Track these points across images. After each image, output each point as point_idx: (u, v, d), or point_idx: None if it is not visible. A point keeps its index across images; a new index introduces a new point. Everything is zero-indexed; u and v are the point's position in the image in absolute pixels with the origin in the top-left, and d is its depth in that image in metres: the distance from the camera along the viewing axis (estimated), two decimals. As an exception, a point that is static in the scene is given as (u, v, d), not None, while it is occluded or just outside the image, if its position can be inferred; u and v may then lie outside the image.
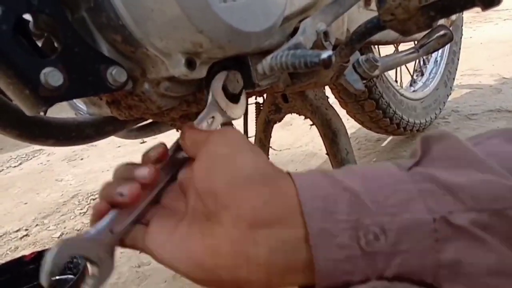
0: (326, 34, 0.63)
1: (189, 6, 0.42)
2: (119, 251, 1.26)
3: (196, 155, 0.40)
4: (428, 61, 1.85)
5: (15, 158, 2.78)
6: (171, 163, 0.46)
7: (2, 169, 2.65)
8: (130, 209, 0.40)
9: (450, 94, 1.90)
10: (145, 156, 0.46)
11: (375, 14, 0.57)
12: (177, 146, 0.47)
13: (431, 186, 0.32)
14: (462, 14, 1.83)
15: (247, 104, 0.57)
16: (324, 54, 0.38)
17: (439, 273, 0.30)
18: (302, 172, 0.37)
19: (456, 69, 1.92)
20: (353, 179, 0.33)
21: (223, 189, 0.35)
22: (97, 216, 0.40)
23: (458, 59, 1.92)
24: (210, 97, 0.52)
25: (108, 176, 0.44)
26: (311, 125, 1.03)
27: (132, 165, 0.43)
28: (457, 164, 0.33)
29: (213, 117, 0.51)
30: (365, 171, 0.35)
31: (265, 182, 0.35)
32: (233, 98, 0.55)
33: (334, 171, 0.36)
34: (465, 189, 0.31)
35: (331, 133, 0.93)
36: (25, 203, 2.01)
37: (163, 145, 0.46)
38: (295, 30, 0.63)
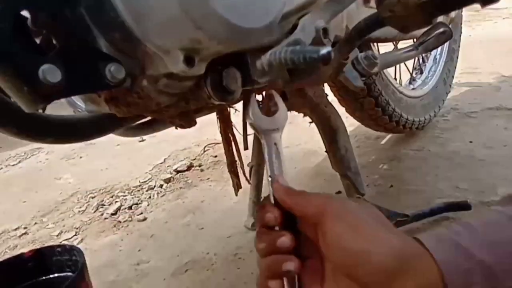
0: (325, 31, 0.62)
1: (188, 3, 0.42)
2: (117, 248, 1.25)
3: (310, 223, 0.46)
4: (427, 59, 1.85)
5: (14, 157, 2.78)
6: (286, 216, 0.48)
7: (1, 168, 2.64)
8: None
9: (449, 92, 1.90)
10: (264, 221, 0.49)
11: (375, 11, 0.57)
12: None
13: None
14: (461, 12, 1.83)
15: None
16: (323, 50, 0.38)
17: None
18: (427, 236, 0.41)
19: (455, 67, 1.92)
20: (482, 249, 0.38)
21: (372, 282, 0.40)
22: None
23: (457, 57, 1.92)
24: (258, 131, 0.53)
25: (107, 174, 0.44)
26: (310, 122, 1.03)
27: (269, 237, 0.47)
28: None
29: (275, 143, 0.53)
30: (489, 237, 0.39)
31: (406, 268, 0.39)
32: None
33: (461, 236, 0.40)
34: None
35: (330, 131, 0.93)
36: (24, 202, 2.01)
37: (277, 210, 0.48)
38: (294, 27, 0.63)
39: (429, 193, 1.34)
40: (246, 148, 1.21)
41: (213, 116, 1.10)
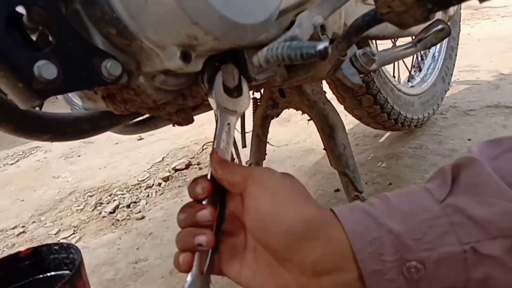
0: (323, 27, 0.62)
1: (184, -2, 0.42)
2: (115, 247, 1.25)
3: (238, 193, 0.46)
4: (426, 57, 1.85)
5: (11, 155, 2.78)
6: (216, 192, 0.48)
7: (-1, 166, 2.64)
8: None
9: (448, 89, 1.90)
10: (193, 193, 0.49)
11: (373, 7, 0.57)
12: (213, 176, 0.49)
13: (461, 218, 0.38)
14: (460, 9, 1.82)
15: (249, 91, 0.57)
16: (320, 45, 0.38)
17: (468, 285, 0.38)
18: (342, 207, 0.42)
19: (454, 65, 1.92)
20: (394, 218, 0.39)
21: (281, 247, 0.41)
22: (188, 266, 0.46)
23: (456, 55, 1.92)
24: (215, 106, 0.53)
25: (105, 173, 0.44)
26: (308, 120, 1.03)
27: (191, 209, 0.47)
28: (483, 193, 0.38)
29: (228, 123, 0.53)
30: (402, 206, 0.40)
31: (317, 235, 0.40)
32: (236, 91, 0.55)
33: (374, 207, 0.41)
34: (490, 220, 0.37)
35: (328, 128, 0.93)
36: (22, 200, 2.01)
37: (206, 181, 0.49)
38: (292, 23, 0.62)
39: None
40: (244, 146, 1.21)
41: (211, 114, 1.09)
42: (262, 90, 1.07)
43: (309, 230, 0.40)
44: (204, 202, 0.48)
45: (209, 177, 0.49)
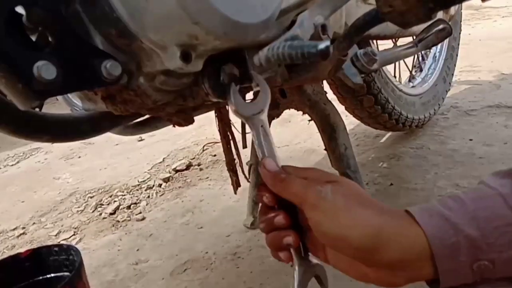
0: (324, 27, 0.62)
1: (184, -3, 0.42)
2: (116, 248, 1.24)
3: (297, 204, 0.50)
4: (427, 57, 1.85)
5: (12, 157, 2.77)
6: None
7: (0, 168, 2.64)
8: None
9: (449, 90, 1.90)
10: (261, 201, 0.53)
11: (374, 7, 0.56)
12: None
13: None
14: (461, 9, 1.82)
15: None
16: (322, 45, 0.37)
17: None
18: (419, 209, 0.45)
19: (455, 65, 1.92)
20: (470, 224, 0.42)
21: (356, 258, 0.46)
22: (289, 259, 0.52)
23: (457, 55, 1.92)
24: (243, 119, 0.54)
25: (106, 174, 0.44)
26: (309, 120, 1.02)
27: (268, 217, 0.52)
28: None
29: (262, 126, 0.53)
30: (478, 213, 0.43)
31: (386, 241, 0.44)
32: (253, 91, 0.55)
33: (452, 212, 0.44)
34: None
35: (329, 128, 0.93)
36: (23, 202, 2.00)
37: (268, 190, 0.52)
38: (293, 23, 0.62)
39: (428, 191, 1.33)
40: (245, 146, 1.21)
41: (212, 115, 1.09)
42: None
43: (378, 239, 0.43)
44: (276, 207, 0.52)
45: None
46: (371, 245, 0.43)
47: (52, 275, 0.89)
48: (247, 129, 1.18)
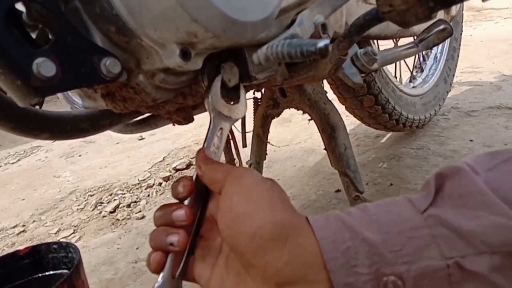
0: (324, 26, 0.62)
1: (183, -5, 0.42)
2: (115, 246, 1.24)
3: (217, 191, 0.45)
4: (428, 57, 1.85)
5: (13, 155, 2.78)
6: (198, 193, 0.48)
7: (0, 166, 2.64)
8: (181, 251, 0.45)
9: (450, 90, 1.90)
10: (174, 192, 0.48)
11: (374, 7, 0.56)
12: (198, 176, 0.49)
13: (444, 230, 0.34)
14: (462, 10, 1.82)
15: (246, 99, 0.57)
16: (321, 43, 0.37)
17: None
18: (318, 216, 0.39)
19: (456, 66, 1.91)
20: (370, 227, 0.36)
21: (247, 249, 0.38)
22: (158, 266, 0.45)
23: (458, 56, 1.91)
24: (210, 109, 0.53)
25: (106, 172, 0.44)
26: (309, 120, 1.02)
27: (168, 208, 0.46)
28: (469, 204, 0.35)
29: (221, 128, 0.53)
30: (380, 216, 0.37)
31: (285, 240, 0.37)
32: (232, 95, 0.55)
33: (350, 216, 0.38)
34: (476, 233, 0.34)
35: (329, 128, 0.92)
36: (23, 199, 2.00)
37: (189, 179, 0.48)
38: (292, 22, 0.62)
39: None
40: (244, 146, 1.21)
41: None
42: (262, 90, 1.06)
43: (277, 234, 0.38)
44: (185, 203, 0.47)
45: (194, 178, 0.48)
46: (269, 235, 0.37)
47: (51, 272, 0.89)
48: (247, 128, 1.18)
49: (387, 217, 0.37)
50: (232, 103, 0.55)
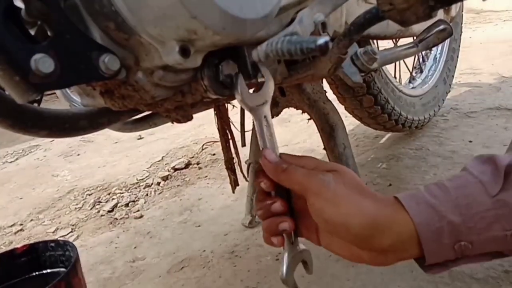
0: (324, 25, 0.62)
1: (183, -9, 0.41)
2: (113, 245, 1.23)
3: (299, 192, 0.52)
4: (427, 58, 1.85)
5: (11, 154, 2.77)
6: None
7: (-1, 164, 2.64)
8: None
9: (449, 91, 1.90)
10: (259, 187, 0.56)
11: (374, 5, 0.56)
12: None
13: (506, 210, 0.46)
14: (462, 11, 1.82)
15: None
16: (321, 40, 0.37)
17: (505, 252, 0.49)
18: (407, 196, 0.49)
19: (456, 67, 1.91)
20: (453, 211, 0.47)
21: (353, 243, 0.49)
22: (281, 243, 0.56)
23: (458, 57, 1.91)
24: (247, 108, 0.55)
25: (104, 171, 0.44)
26: (308, 119, 1.02)
27: (265, 204, 0.55)
28: None
29: (265, 116, 0.55)
30: (460, 201, 0.47)
31: (382, 229, 0.47)
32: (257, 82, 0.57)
33: (436, 199, 0.48)
34: None
35: (328, 127, 0.92)
36: (21, 198, 2.00)
37: (266, 176, 0.55)
38: (292, 20, 0.62)
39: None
40: (243, 145, 1.21)
41: (211, 114, 1.09)
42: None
43: (375, 230, 0.47)
44: (272, 192, 0.55)
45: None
46: (369, 232, 0.47)
47: (48, 270, 0.88)
48: (246, 127, 1.17)
49: (466, 201, 0.47)
50: (259, 88, 0.56)
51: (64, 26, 0.47)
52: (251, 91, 0.56)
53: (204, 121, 2.33)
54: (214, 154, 2.04)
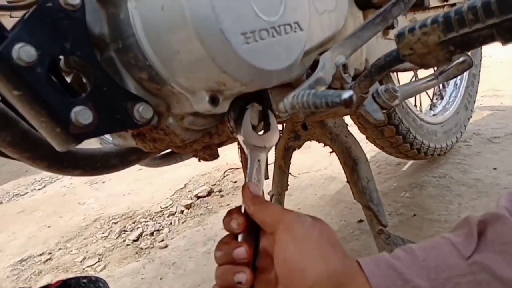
0: (345, 66, 0.64)
1: (214, 48, 0.44)
2: (139, 276, 1.23)
3: (270, 232, 0.47)
4: (448, 85, 1.84)
5: (39, 181, 2.84)
6: (250, 226, 0.50)
7: (27, 192, 2.70)
8: None
9: (471, 117, 1.88)
10: (228, 227, 0.50)
11: (394, 43, 0.58)
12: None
13: (488, 277, 0.38)
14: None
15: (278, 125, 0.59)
16: (345, 95, 0.39)
17: None
18: (368, 260, 0.43)
19: (477, 92, 1.90)
20: (420, 274, 0.40)
21: None
22: None
23: (478, 82, 1.90)
24: (245, 145, 0.55)
25: (129, 199, 0.46)
26: (331, 152, 1.03)
27: (227, 247, 0.49)
28: (510, 251, 0.39)
29: (258, 160, 0.55)
30: (428, 262, 0.40)
31: (343, 285, 0.41)
32: (264, 126, 0.58)
33: (400, 262, 0.41)
34: None
35: (351, 161, 0.93)
36: (49, 227, 2.05)
37: (241, 215, 0.50)
38: (314, 62, 0.64)
39: (452, 223, 1.31)
40: (267, 177, 1.22)
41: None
42: (284, 123, 1.08)
43: (333, 283, 0.41)
44: (239, 238, 0.50)
45: (243, 210, 0.51)
46: (325, 286, 0.41)
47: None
48: (269, 160, 1.19)
49: (435, 263, 0.40)
50: (263, 132, 0.57)
51: (101, 79, 0.49)
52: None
53: (225, 147, 2.35)
54: (235, 182, 2.05)
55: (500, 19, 0.46)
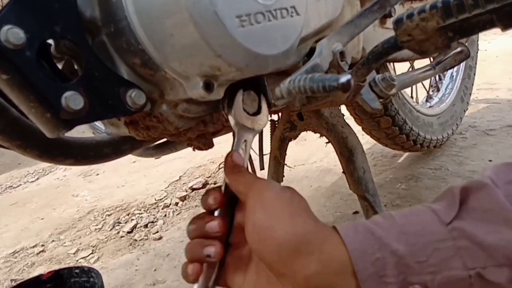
0: (342, 54, 0.63)
1: (208, 32, 0.43)
2: (133, 268, 1.24)
3: (244, 201, 0.46)
4: (444, 77, 1.84)
5: (32, 173, 2.82)
6: (228, 201, 0.49)
7: (20, 184, 2.69)
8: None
9: (467, 109, 1.88)
10: (205, 204, 0.50)
11: (391, 32, 0.57)
12: (227, 185, 0.50)
13: (467, 243, 0.37)
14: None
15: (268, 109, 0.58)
16: (343, 78, 0.38)
17: None
18: (346, 225, 0.41)
19: (473, 84, 1.90)
20: (398, 238, 0.38)
21: (274, 261, 0.41)
22: (196, 277, 0.46)
23: (475, 74, 1.90)
24: (233, 123, 0.54)
25: (123, 191, 0.45)
26: (326, 143, 1.02)
27: (201, 221, 0.48)
28: (492, 219, 0.38)
29: (245, 140, 0.54)
30: (407, 227, 0.39)
31: (310, 250, 0.39)
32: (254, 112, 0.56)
33: (378, 227, 0.40)
34: (498, 247, 0.36)
35: (347, 152, 0.93)
36: (42, 219, 2.03)
37: (218, 191, 0.50)
38: (311, 49, 0.63)
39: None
40: (262, 168, 1.21)
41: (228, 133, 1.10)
42: (280, 113, 1.07)
43: (303, 244, 0.39)
44: (216, 214, 0.49)
45: (222, 189, 0.50)
46: (294, 246, 0.39)
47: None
48: (265, 150, 1.19)
49: (414, 229, 0.39)
50: (253, 114, 0.56)
51: (92, 64, 0.48)
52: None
53: (221, 140, 2.34)
54: (231, 174, 2.04)
55: (500, 4, 0.45)
